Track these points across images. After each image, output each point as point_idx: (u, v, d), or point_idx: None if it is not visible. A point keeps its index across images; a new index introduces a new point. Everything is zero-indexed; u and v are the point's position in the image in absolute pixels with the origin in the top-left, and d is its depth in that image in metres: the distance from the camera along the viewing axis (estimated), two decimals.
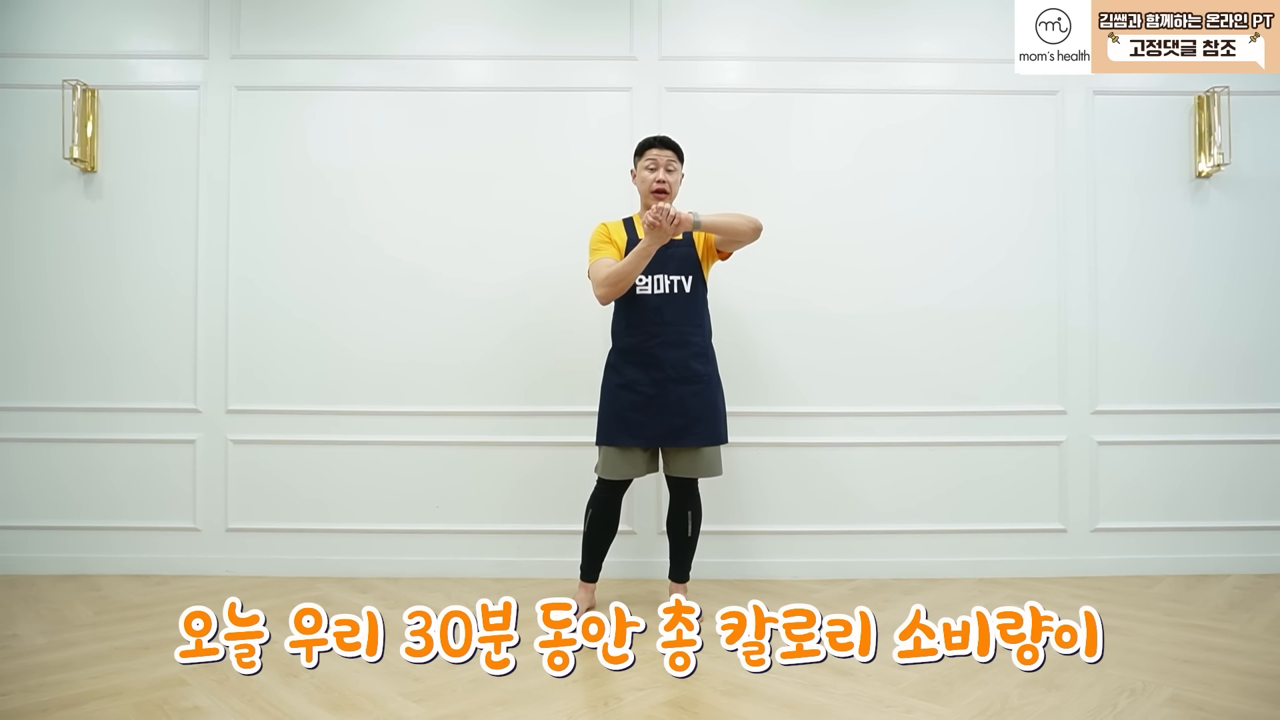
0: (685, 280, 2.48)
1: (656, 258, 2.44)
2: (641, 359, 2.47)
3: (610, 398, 2.51)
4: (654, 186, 2.48)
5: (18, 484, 3.06)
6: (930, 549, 3.05)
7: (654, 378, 2.44)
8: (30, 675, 2.06)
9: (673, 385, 2.44)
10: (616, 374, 2.50)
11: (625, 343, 2.51)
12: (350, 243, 3.08)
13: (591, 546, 2.58)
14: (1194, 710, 1.86)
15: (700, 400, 2.45)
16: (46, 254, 3.08)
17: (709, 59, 3.11)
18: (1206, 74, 3.06)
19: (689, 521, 2.55)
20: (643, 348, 2.47)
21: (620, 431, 2.46)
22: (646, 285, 2.47)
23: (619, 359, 2.52)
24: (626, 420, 2.45)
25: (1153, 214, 3.10)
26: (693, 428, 2.44)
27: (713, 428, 2.47)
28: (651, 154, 2.51)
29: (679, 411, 2.43)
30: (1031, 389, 3.08)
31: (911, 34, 3.12)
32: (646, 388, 2.44)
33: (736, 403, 3.04)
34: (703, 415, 2.45)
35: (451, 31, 3.12)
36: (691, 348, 2.48)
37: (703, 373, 2.48)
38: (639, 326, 2.47)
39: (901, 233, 3.08)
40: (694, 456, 2.47)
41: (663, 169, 2.49)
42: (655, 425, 2.43)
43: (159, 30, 3.10)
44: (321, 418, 3.06)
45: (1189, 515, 3.08)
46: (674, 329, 2.46)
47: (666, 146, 2.52)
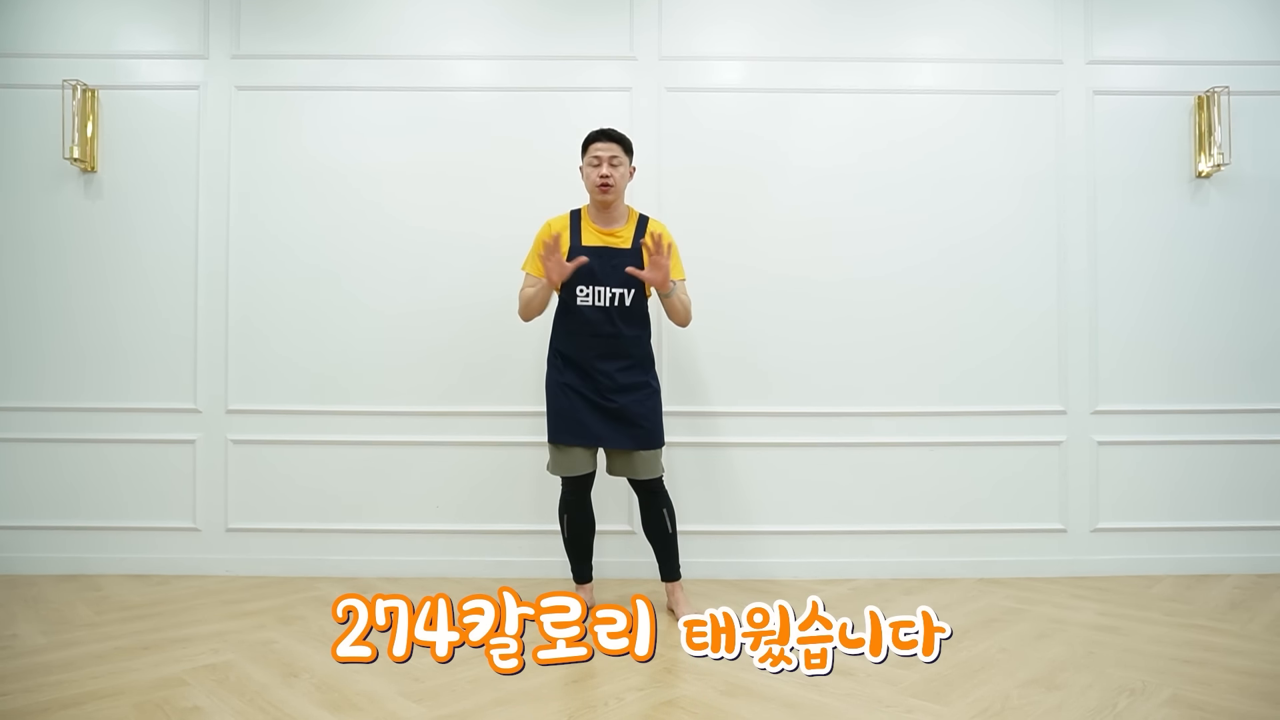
0: (627, 293, 2.45)
1: (600, 270, 2.43)
2: (579, 367, 2.46)
3: (553, 396, 2.50)
4: (598, 181, 2.42)
5: (18, 484, 3.06)
6: (930, 549, 3.05)
7: (592, 385, 2.45)
8: (30, 675, 2.06)
9: (610, 394, 2.44)
10: (558, 373, 2.50)
11: (564, 348, 2.50)
12: (350, 243, 3.08)
13: (575, 549, 2.59)
14: (1194, 710, 1.86)
15: (639, 406, 2.45)
16: (46, 254, 3.07)
17: (709, 59, 3.11)
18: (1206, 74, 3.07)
19: (666, 519, 2.54)
20: (580, 357, 2.46)
21: (563, 430, 2.46)
22: (587, 296, 2.44)
23: (560, 360, 2.50)
24: (568, 420, 2.45)
25: (1153, 214, 3.10)
26: (630, 432, 2.45)
27: (649, 433, 2.47)
28: (595, 148, 2.44)
29: (616, 416, 2.44)
30: (1031, 389, 3.08)
31: (912, 34, 3.12)
32: (586, 392, 2.45)
33: (737, 403, 3.05)
34: (639, 420, 2.45)
35: (451, 31, 3.12)
36: (629, 359, 2.47)
37: (640, 381, 2.48)
38: (577, 336, 2.46)
39: (901, 233, 3.08)
40: (630, 458, 2.48)
41: (606, 164, 2.42)
42: (594, 428, 2.44)
43: (159, 30, 3.10)
44: (321, 418, 3.06)
45: (1189, 515, 3.08)
46: (612, 342, 2.45)
47: (611, 139, 2.45)
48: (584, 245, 2.46)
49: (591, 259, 2.43)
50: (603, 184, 2.42)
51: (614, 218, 2.52)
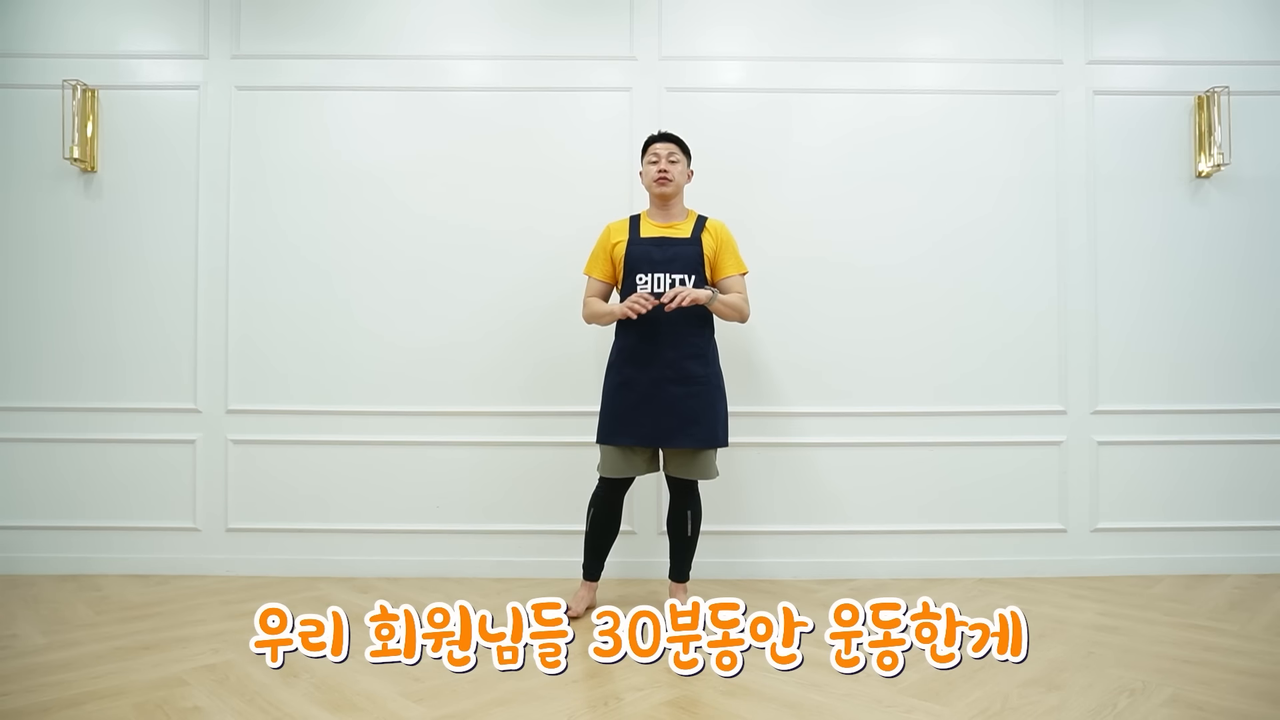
0: (688, 280, 2.48)
1: (661, 256, 2.49)
2: (639, 357, 2.47)
3: (609, 396, 2.51)
4: (656, 176, 2.52)
5: (18, 484, 3.06)
6: (930, 549, 3.05)
7: (651, 377, 2.45)
8: (30, 675, 2.06)
9: (668, 385, 2.44)
10: (616, 372, 2.52)
11: (624, 340, 2.52)
12: (350, 243, 3.08)
13: (593, 545, 2.58)
14: (1194, 710, 1.86)
15: (697, 401, 2.45)
16: (46, 254, 3.07)
17: (709, 59, 3.11)
18: (1206, 74, 3.07)
19: (688, 521, 2.56)
20: (640, 345, 2.47)
21: (617, 430, 2.47)
22: (646, 284, 2.48)
23: (618, 356, 2.53)
24: (623, 419, 2.46)
25: (1153, 214, 3.10)
26: (687, 429, 2.44)
27: (709, 430, 2.46)
28: (654, 149, 2.57)
29: (673, 411, 2.43)
30: (1031, 389, 3.08)
31: (911, 34, 3.12)
32: (643, 386, 2.45)
33: (737, 403, 3.04)
34: (698, 417, 2.44)
35: (451, 32, 3.12)
36: (689, 348, 2.47)
37: (700, 374, 2.47)
38: (638, 324, 2.47)
39: (900, 233, 3.08)
40: (687, 458, 2.48)
41: (664, 160, 2.53)
42: (650, 425, 2.44)
43: (159, 30, 3.10)
44: (321, 418, 3.06)
45: (1189, 515, 3.08)
46: (672, 328, 2.46)
47: (668, 140, 2.58)
48: (642, 237, 2.53)
49: (650, 247, 2.50)
50: (660, 177, 2.51)
51: (672, 215, 2.58)
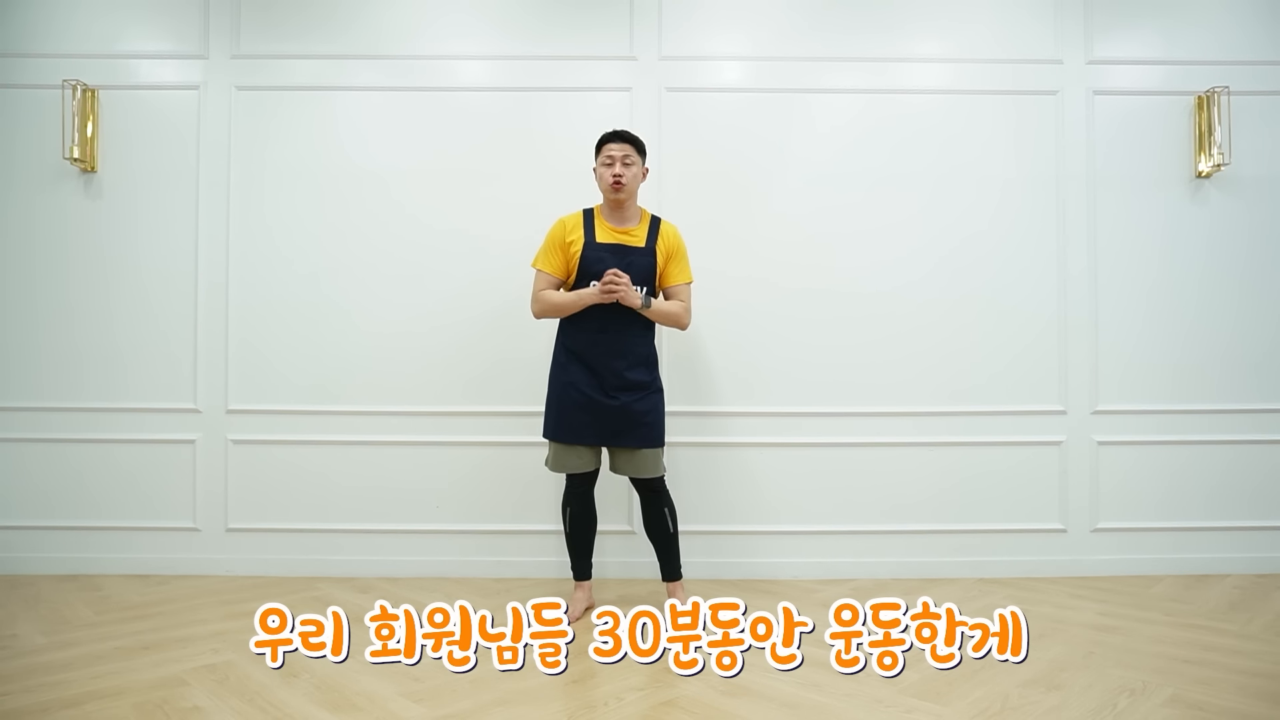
0: (639, 291, 2.47)
1: (617, 264, 2.45)
2: (584, 363, 2.48)
3: (556, 394, 2.51)
4: (610, 181, 2.46)
5: (18, 484, 3.06)
6: (930, 549, 3.05)
7: (595, 383, 2.46)
8: (30, 675, 2.06)
9: (615, 392, 2.46)
10: (563, 371, 2.51)
11: (570, 343, 2.51)
12: (350, 243, 3.08)
13: (576, 545, 2.59)
14: (1194, 710, 1.86)
15: (642, 404, 2.47)
16: (46, 254, 3.07)
17: (709, 59, 3.11)
18: (1206, 74, 3.07)
19: (667, 518, 2.56)
20: (586, 354, 2.48)
21: (563, 429, 2.48)
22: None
23: (565, 357, 2.52)
24: (569, 419, 2.47)
25: (1153, 214, 3.10)
26: (633, 431, 2.46)
27: (651, 430, 2.49)
28: (609, 149, 2.49)
29: (620, 416, 2.45)
30: (1031, 389, 3.08)
31: (911, 34, 3.12)
32: (589, 390, 2.46)
33: (737, 403, 3.05)
34: (642, 420, 2.47)
35: (451, 31, 3.12)
36: (634, 358, 2.48)
37: (645, 380, 2.50)
38: (585, 332, 2.48)
39: (900, 233, 3.08)
40: (633, 457, 2.49)
41: (619, 163, 2.47)
42: (596, 426, 2.46)
43: (159, 30, 3.10)
44: (321, 418, 3.06)
45: (1189, 515, 3.08)
46: (619, 339, 2.47)
47: (624, 140, 2.50)
48: (598, 242, 2.49)
49: (606, 254, 2.47)
50: (615, 183, 2.46)
51: (627, 217, 2.55)
